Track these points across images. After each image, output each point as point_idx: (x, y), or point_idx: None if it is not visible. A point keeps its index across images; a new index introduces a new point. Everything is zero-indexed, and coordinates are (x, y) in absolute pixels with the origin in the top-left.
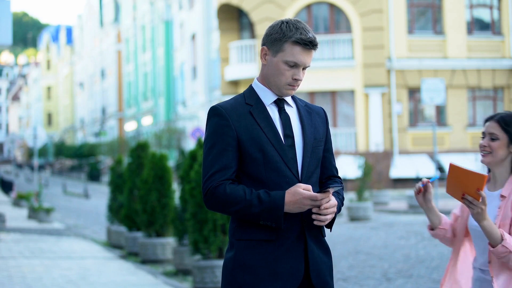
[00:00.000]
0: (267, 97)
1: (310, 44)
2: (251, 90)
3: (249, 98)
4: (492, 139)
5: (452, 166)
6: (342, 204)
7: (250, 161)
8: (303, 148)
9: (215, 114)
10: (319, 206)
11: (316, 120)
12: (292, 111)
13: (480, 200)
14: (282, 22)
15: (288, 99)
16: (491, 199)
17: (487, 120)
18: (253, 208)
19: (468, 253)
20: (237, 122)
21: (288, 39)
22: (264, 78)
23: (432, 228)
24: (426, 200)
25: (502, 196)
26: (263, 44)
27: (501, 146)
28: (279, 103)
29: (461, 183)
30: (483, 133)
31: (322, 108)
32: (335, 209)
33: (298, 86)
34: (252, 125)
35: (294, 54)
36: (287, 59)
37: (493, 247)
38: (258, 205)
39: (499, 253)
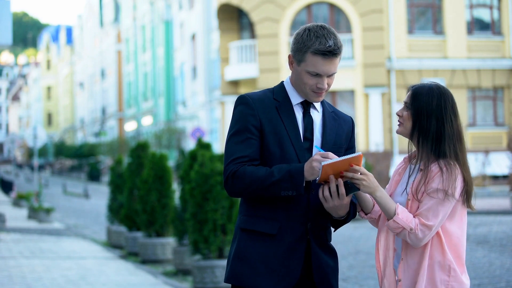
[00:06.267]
0: (295, 98)
1: (329, 54)
2: (281, 87)
3: (278, 95)
4: (406, 110)
5: (324, 166)
6: (355, 215)
7: (267, 154)
8: None
9: (242, 102)
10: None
11: (341, 127)
12: (317, 116)
13: (359, 174)
14: (305, 29)
15: (317, 103)
16: (412, 172)
17: (409, 89)
18: (274, 177)
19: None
20: (262, 114)
21: (307, 50)
22: (292, 82)
23: (365, 213)
24: None
25: (420, 169)
26: (290, 51)
27: (411, 117)
28: (306, 106)
29: (337, 171)
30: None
31: (351, 117)
32: (347, 203)
33: (324, 92)
34: (276, 120)
35: (315, 65)
36: (308, 69)
37: None
38: (278, 174)
39: (392, 229)
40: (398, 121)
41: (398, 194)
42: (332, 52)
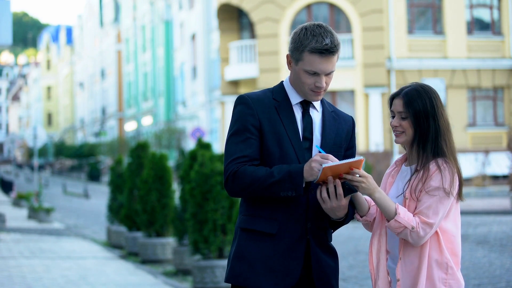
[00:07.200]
0: (294, 97)
1: (326, 52)
2: (280, 87)
3: (277, 94)
4: (403, 118)
5: (324, 168)
6: (353, 216)
7: (266, 154)
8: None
9: (241, 102)
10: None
11: (340, 127)
12: (316, 115)
13: (358, 176)
14: (302, 28)
15: (316, 103)
16: (406, 173)
17: (393, 97)
18: (273, 177)
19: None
20: (261, 113)
21: (304, 49)
22: (291, 82)
23: (361, 216)
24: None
25: (417, 169)
26: (288, 51)
27: (411, 124)
28: (305, 105)
29: (337, 173)
30: (392, 111)
31: (352, 117)
32: (345, 205)
33: (323, 91)
34: (275, 120)
35: (312, 63)
36: (306, 68)
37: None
38: (278, 174)
39: (393, 228)
40: (397, 130)
41: (393, 196)
42: (329, 50)
